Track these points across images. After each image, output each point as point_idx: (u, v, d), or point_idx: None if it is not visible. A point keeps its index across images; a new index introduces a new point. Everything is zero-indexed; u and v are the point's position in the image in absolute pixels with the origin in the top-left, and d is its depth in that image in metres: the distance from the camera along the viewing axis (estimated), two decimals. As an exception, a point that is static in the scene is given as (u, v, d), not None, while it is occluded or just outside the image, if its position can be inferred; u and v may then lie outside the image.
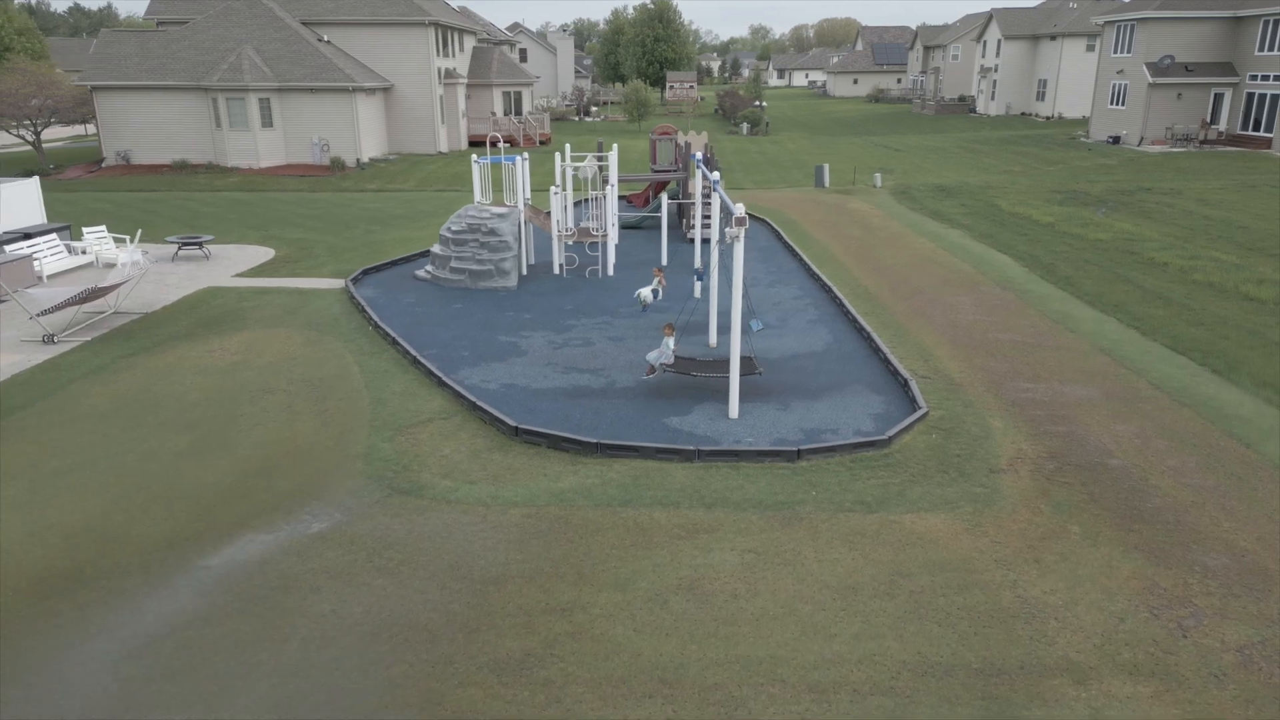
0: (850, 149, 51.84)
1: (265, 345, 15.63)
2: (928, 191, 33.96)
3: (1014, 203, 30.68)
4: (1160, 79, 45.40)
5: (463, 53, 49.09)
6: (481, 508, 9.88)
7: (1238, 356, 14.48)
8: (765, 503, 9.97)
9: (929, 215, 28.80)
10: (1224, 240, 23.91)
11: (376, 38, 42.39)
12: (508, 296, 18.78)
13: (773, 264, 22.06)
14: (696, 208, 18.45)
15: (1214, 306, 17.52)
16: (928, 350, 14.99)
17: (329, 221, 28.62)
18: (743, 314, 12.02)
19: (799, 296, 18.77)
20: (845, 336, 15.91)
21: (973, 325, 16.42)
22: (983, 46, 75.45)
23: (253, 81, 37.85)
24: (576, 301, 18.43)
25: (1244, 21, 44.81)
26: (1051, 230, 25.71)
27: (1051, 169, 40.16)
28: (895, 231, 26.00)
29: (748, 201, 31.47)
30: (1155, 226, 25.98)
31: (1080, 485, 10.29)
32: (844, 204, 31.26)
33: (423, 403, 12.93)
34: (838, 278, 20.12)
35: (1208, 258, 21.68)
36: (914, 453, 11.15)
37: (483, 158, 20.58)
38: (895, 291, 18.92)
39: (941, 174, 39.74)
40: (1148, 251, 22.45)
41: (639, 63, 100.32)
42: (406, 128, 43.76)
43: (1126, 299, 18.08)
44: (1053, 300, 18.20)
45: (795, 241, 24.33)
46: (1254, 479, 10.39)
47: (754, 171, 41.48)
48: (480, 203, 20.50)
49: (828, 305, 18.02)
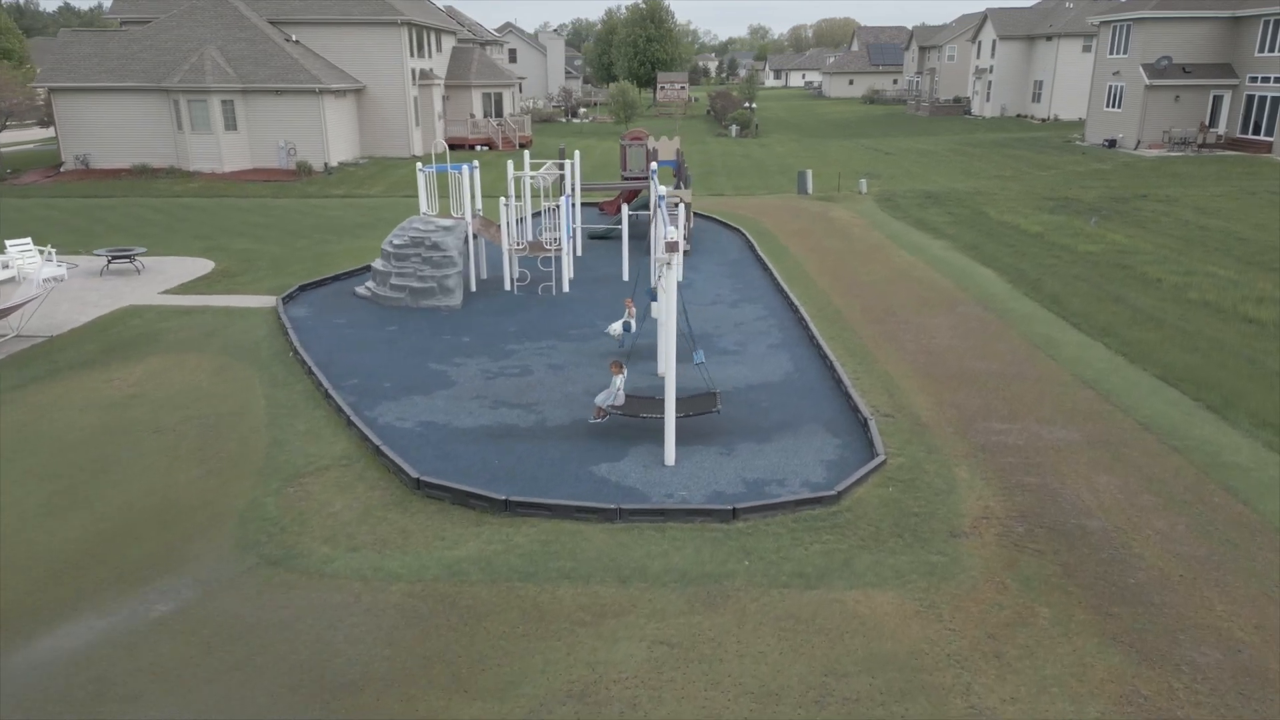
0: (840, 152, 50.52)
1: (170, 375, 14.28)
2: (914, 198, 32.63)
3: (1003, 210, 29.35)
4: (1157, 81, 44.08)
5: (440, 53, 47.74)
6: (358, 583, 8.53)
7: (1235, 389, 13.14)
8: (689, 575, 8.63)
9: (913, 224, 27.48)
10: (1221, 253, 22.58)
11: (348, 38, 41.02)
12: (450, 317, 17.44)
13: (741, 279, 20.72)
14: (654, 220, 17.10)
15: (1210, 329, 16.19)
16: (895, 382, 13.64)
17: (283, 230, 27.27)
18: (688, 346, 10.65)
19: (763, 317, 17.42)
20: (807, 365, 14.56)
21: (947, 352, 15.08)
22: (977, 47, 74.13)
23: (215, 83, 36.48)
24: (523, 322, 17.09)
25: (1243, 22, 43.49)
26: (1040, 241, 24.38)
27: (1044, 174, 38.83)
28: (875, 243, 24.66)
29: (725, 209, 30.16)
30: (1149, 237, 24.64)
31: (1053, 554, 8.95)
32: (825, 212, 29.93)
33: (326, 445, 11.59)
34: (808, 296, 18.78)
35: (1204, 273, 20.34)
36: (866, 510, 9.81)
37: (428, 166, 19.23)
38: (868, 312, 17.58)
39: (930, 179, 38.42)
40: (1141, 266, 21.12)
41: (630, 63, 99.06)
42: (379, 131, 42.40)
43: (1115, 320, 16.75)
44: (1036, 321, 16.86)
45: (768, 254, 22.99)
46: (1251, 546, 9.05)
47: (737, 176, 40.15)
48: (426, 214, 19.16)
49: (793, 328, 16.67)
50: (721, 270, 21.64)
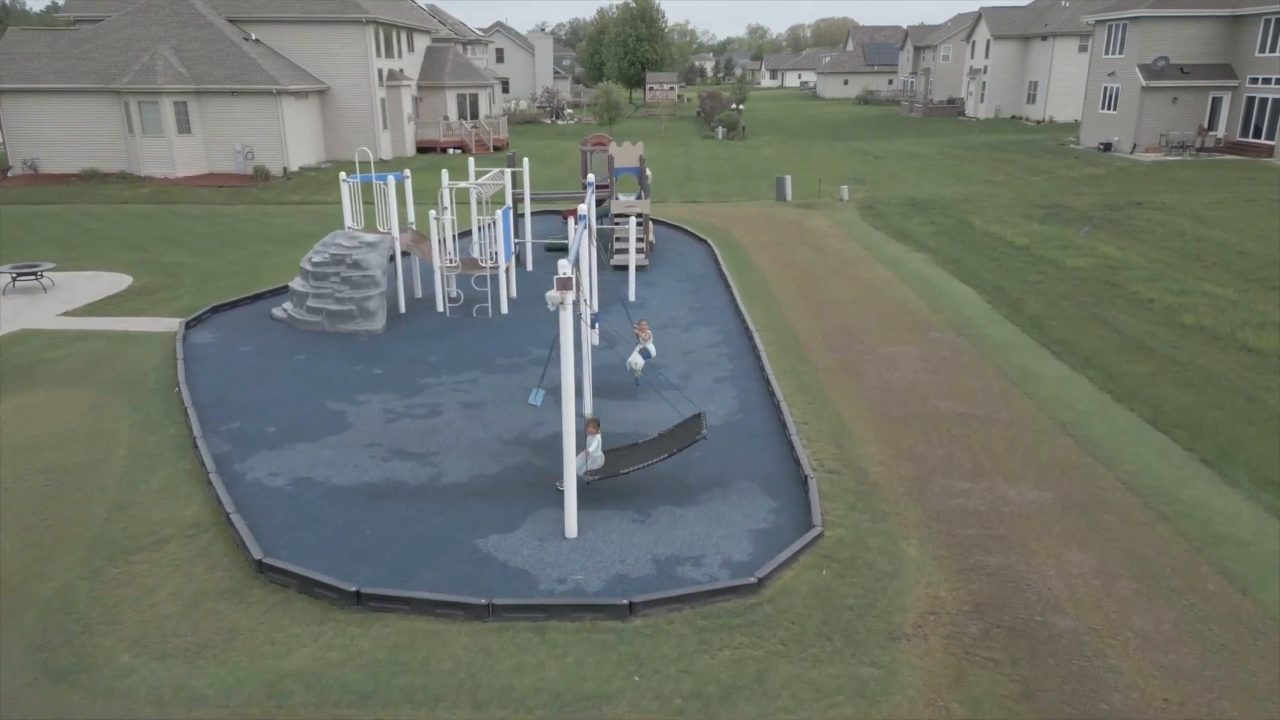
0: (827, 155, 48.92)
1: (36, 415, 12.68)
2: (897, 206, 31.03)
3: (989, 220, 27.75)
4: (1154, 82, 42.47)
5: (412, 53, 46.11)
6: (151, 707, 6.92)
7: (1233, 436, 11.55)
8: (564, 697, 7.03)
9: (893, 235, 25.87)
10: (1220, 268, 20.97)
11: (311, 36, 39.40)
12: (368, 343, 15.83)
13: (701, 298, 19.12)
14: (577, 241, 15.50)
15: (1205, 359, 14.59)
16: (847, 428, 12.03)
17: (223, 241, 25.66)
18: (627, 381, 9.10)
19: (716, 344, 15.82)
20: (754, 405, 12.96)
21: (910, 389, 13.47)
22: (971, 47, 72.51)
23: (167, 83, 34.85)
24: (449, 350, 15.48)
25: (1243, 21, 41.87)
26: (1026, 255, 22.77)
27: (1036, 179, 37.22)
28: (850, 256, 23.05)
29: (697, 218, 28.52)
30: (1143, 250, 23.04)
31: (1011, 665, 7.35)
32: (801, 221, 28.32)
33: (177, 508, 9.98)
34: (768, 319, 17.18)
35: (1200, 292, 18.73)
36: (792, 601, 8.21)
37: (353, 175, 17.62)
38: (830, 339, 15.97)
39: (917, 184, 36.81)
40: (1132, 283, 19.52)
41: (620, 63, 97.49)
42: (344, 133, 40.76)
43: (1102, 348, 15.15)
44: (1014, 349, 15.25)
45: (733, 269, 21.40)
46: (1249, 653, 7.46)
47: (717, 181, 38.54)
48: (351, 228, 17.55)
49: (746, 357, 15.06)
50: (681, 287, 20.04)
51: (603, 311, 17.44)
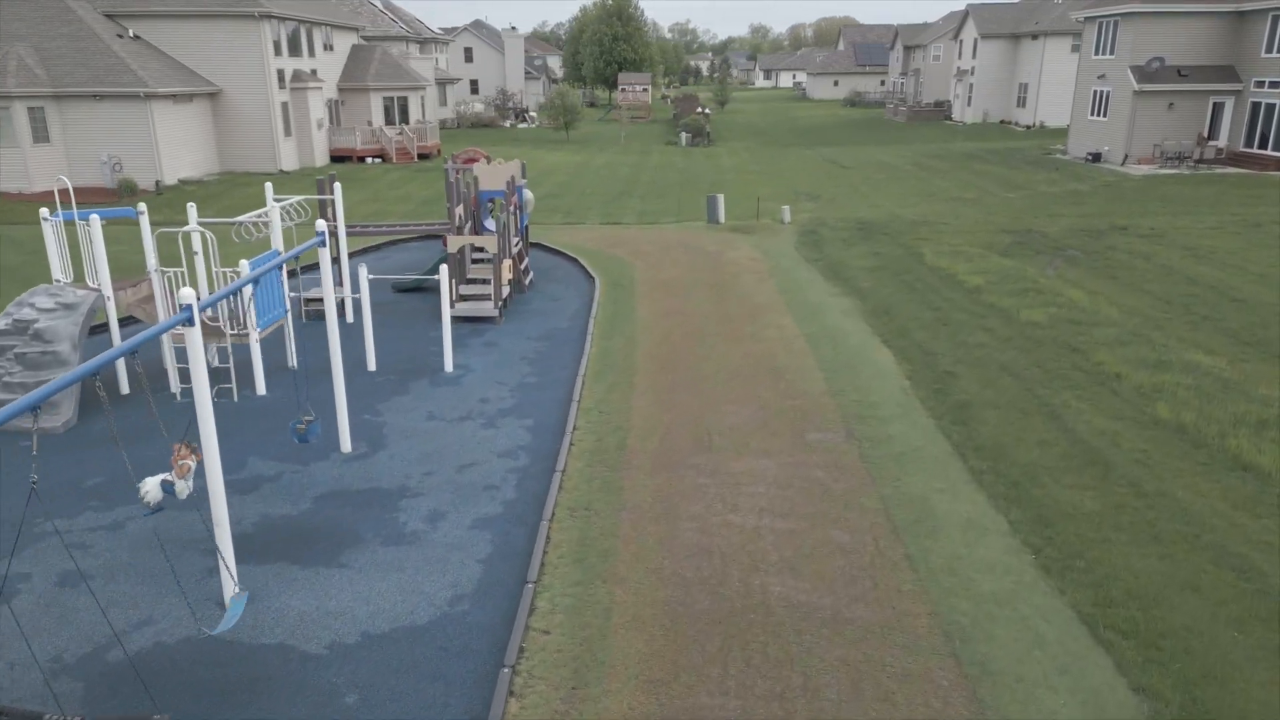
0: (793, 165, 44.67)
1: None
2: (843, 231, 26.76)
3: (943, 250, 23.47)
4: (1147, 85, 38.08)
5: (330, 52, 41.90)
6: None
7: (1216, 667, 7.27)
8: None
9: (824, 271, 21.62)
10: (1211, 325, 16.68)
11: (200, 33, 35.20)
12: (26, 450, 11.59)
13: (542, 368, 14.89)
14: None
15: (1181, 487, 10.32)
16: (608, 640, 7.77)
17: (13, 277, 21.47)
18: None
19: (509, 453, 11.57)
20: (494, 585, 8.70)
21: (738, 551, 9.21)
22: (959, 46, 68.12)
23: (19, 87, 30.69)
24: (138, 461, 11.22)
25: (1248, 17, 37.46)
26: (974, 302, 18.51)
27: (1010, 197, 32.89)
28: (760, 303, 18.79)
29: (605, 244, 24.17)
30: (1118, 295, 18.75)
31: None
32: (724, 251, 24.04)
33: None
34: (606, 407, 12.94)
35: (1183, 364, 14.43)
36: None
37: (55, 214, 13.37)
38: (670, 443, 11.72)
39: (876, 202, 32.54)
40: (1097, 347, 15.25)
41: (597, 63, 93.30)
42: (240, 141, 36.56)
43: (1039, 461, 10.91)
44: (917, 466, 10.99)
45: (604, 324, 17.20)
46: None
47: (654, 198, 34.27)
48: (59, 282, 13.33)
49: (538, 479, 10.80)
50: (526, 350, 15.80)
51: (411, 385, 13.24)
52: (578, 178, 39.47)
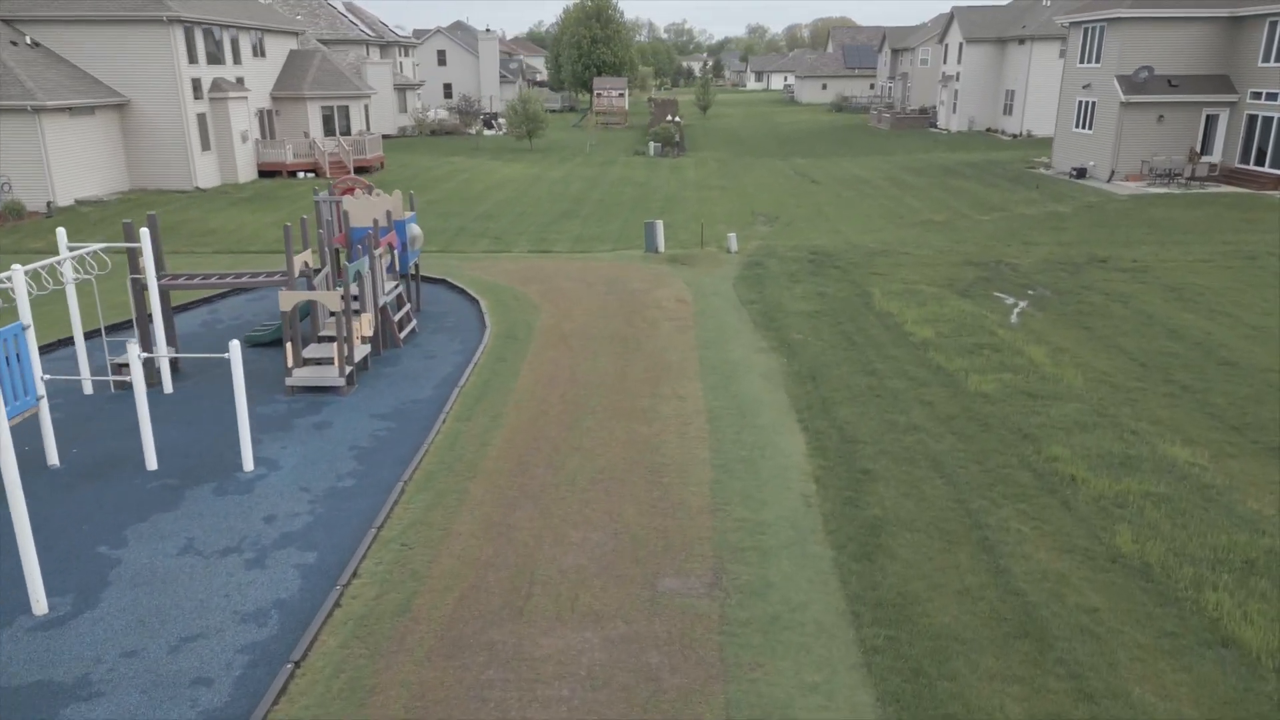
0: (762, 179, 41.98)
1: None
2: (792, 263, 24.06)
3: (896, 290, 20.78)
4: (1135, 96, 35.35)
5: (261, 58, 39.11)
6: None
7: None
8: None
9: (757, 317, 18.94)
10: (1193, 398, 13.97)
11: (106, 39, 32.40)
12: None
13: (374, 459, 12.18)
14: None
15: (1138, 680, 7.65)
16: None
17: None
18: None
19: (258, 615, 8.83)
20: None
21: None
22: (944, 51, 65.40)
23: (-108, 100, 27.95)
24: None
25: (1244, 23, 34.74)
26: (919, 362, 15.81)
27: (983, 220, 30.19)
28: (669, 362, 16.07)
29: (518, 281, 21.34)
30: (1088, 353, 16.05)
31: None
32: (650, 291, 21.30)
33: None
34: (413, 534, 10.22)
35: (1156, 462, 11.73)
36: None
37: None
38: (464, 608, 8.98)
39: (838, 225, 29.85)
40: (1054, 433, 12.58)
41: (575, 66, 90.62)
42: (151, 157, 33.77)
43: (957, 630, 8.24)
44: (790, 640, 8.29)
45: (474, 391, 14.47)
46: None
47: (598, 221, 31.55)
48: None
49: (275, 663, 8.04)
50: (362, 432, 13.06)
51: (188, 494, 10.49)
52: (524, 194, 36.74)
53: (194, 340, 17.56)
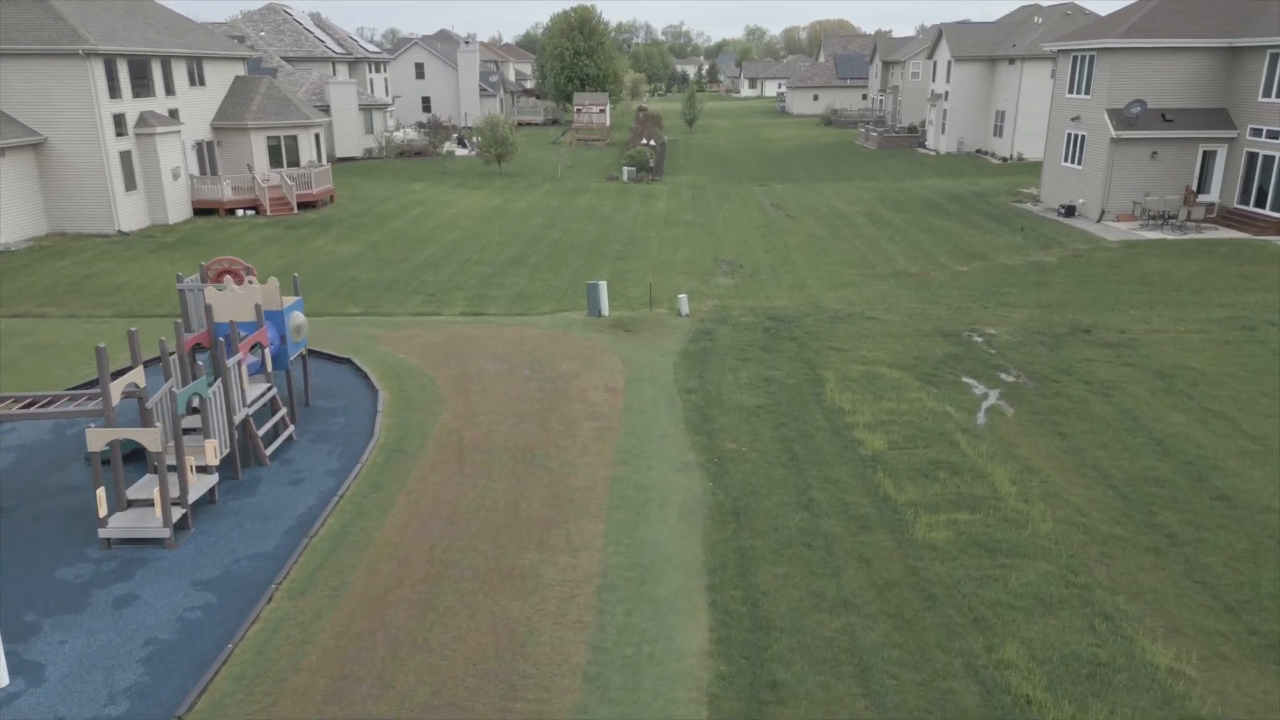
0: (732, 213, 39.66)
1: None
2: (747, 332, 21.81)
3: (855, 372, 18.56)
4: (1127, 132, 33.06)
5: (200, 87, 36.79)
6: None
7: None
8: None
9: (690, 415, 16.69)
10: (1181, 557, 11.71)
11: (21, 74, 30.08)
12: None
13: (164, 665, 9.93)
14: None
15: None
16: None
17: None
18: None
19: None
20: None
21: None
22: (934, 68, 63.12)
23: None
24: None
25: (1243, 55, 32.47)
26: (864, 489, 13.56)
27: (962, 271, 27.92)
28: (572, 491, 13.82)
29: (439, 358, 19.06)
30: (1061, 478, 13.80)
31: None
32: (579, 376, 19.00)
33: None
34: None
35: (1129, 673, 9.49)
36: None
37: None
38: None
39: (806, 275, 27.66)
40: (1012, 615, 10.38)
41: (558, 79, 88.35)
42: (70, 198, 31.43)
43: None
44: None
45: (326, 543, 12.22)
46: None
47: (548, 268, 29.27)
48: None
49: None
50: (169, 613, 10.78)
51: None
52: (475, 236, 34.42)
53: (35, 453, 15.27)
